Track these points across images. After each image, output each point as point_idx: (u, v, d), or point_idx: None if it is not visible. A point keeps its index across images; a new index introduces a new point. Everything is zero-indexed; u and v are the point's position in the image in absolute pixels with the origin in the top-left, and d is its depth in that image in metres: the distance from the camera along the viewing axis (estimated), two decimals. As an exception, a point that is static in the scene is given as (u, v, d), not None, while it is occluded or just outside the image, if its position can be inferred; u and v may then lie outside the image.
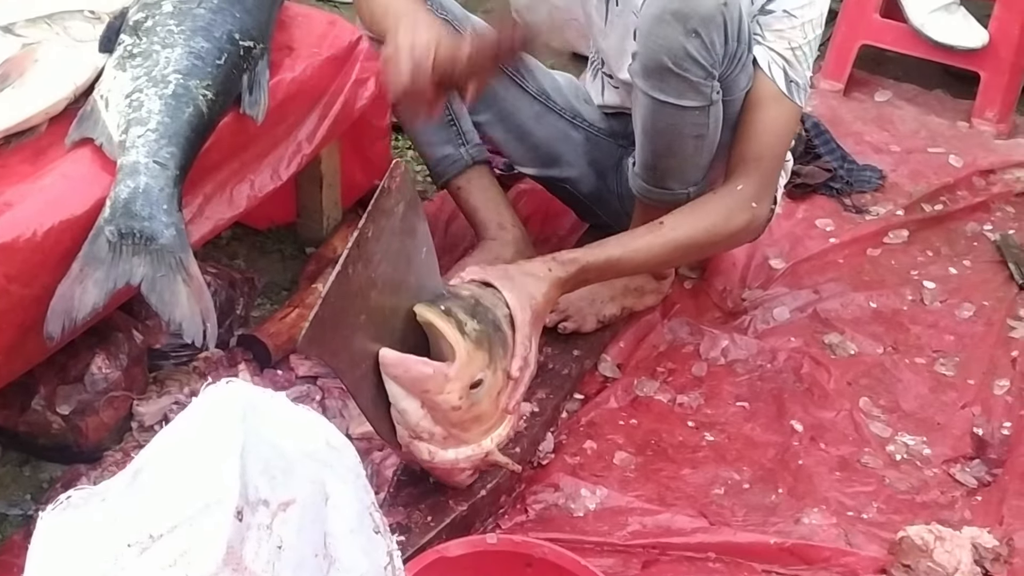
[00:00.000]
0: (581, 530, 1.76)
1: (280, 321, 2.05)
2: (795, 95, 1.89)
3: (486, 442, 1.66)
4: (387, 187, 1.49)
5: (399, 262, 1.54)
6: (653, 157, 1.94)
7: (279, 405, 1.15)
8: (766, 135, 1.90)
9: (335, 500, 1.16)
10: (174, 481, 1.07)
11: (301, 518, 1.13)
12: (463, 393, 1.57)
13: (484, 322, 1.61)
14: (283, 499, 1.12)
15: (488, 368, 1.60)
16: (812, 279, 2.33)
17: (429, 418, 1.58)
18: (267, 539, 1.10)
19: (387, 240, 1.51)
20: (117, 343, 1.84)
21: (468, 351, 1.56)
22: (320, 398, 1.94)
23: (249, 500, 1.09)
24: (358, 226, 1.45)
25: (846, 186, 2.61)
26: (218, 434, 1.08)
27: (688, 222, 1.89)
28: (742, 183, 1.90)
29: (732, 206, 1.90)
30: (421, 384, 1.55)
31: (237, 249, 2.31)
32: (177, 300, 1.63)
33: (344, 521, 1.16)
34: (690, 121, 1.86)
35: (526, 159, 2.26)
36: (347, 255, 1.43)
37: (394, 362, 1.53)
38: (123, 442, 1.84)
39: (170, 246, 1.63)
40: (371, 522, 1.20)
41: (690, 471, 1.88)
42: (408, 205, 1.54)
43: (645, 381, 2.06)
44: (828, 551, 1.73)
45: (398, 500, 1.71)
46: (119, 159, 1.67)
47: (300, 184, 2.25)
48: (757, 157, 1.90)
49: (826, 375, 2.08)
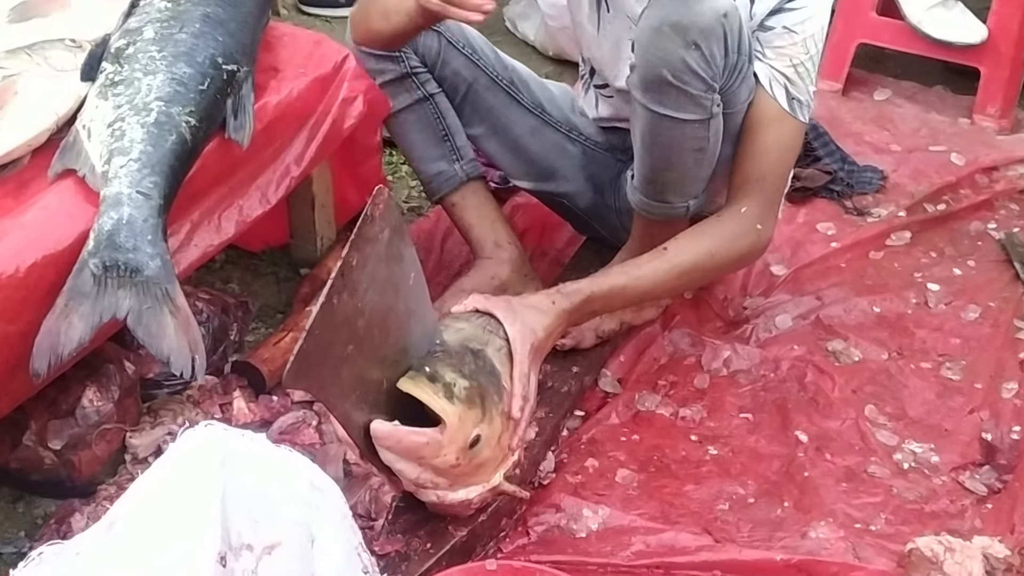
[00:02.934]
0: (584, 551, 1.73)
1: (274, 346, 2.02)
2: (798, 113, 1.86)
3: (495, 478, 1.65)
4: (370, 214, 1.46)
5: (386, 290, 1.51)
6: (652, 171, 1.91)
7: (259, 447, 1.13)
8: (769, 156, 1.87)
9: (321, 541, 1.14)
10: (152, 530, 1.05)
11: (287, 561, 1.11)
12: (460, 454, 1.56)
13: (475, 373, 1.59)
14: (267, 542, 1.10)
15: (483, 422, 1.58)
16: (814, 285, 2.30)
17: (430, 472, 1.57)
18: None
19: (373, 268, 1.47)
20: (108, 374, 1.82)
21: (459, 415, 1.54)
22: (316, 423, 1.91)
23: (232, 545, 1.07)
24: (342, 255, 1.42)
25: (847, 188, 2.57)
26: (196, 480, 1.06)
27: (692, 248, 1.86)
28: (746, 205, 1.87)
29: (736, 230, 1.87)
30: (415, 453, 1.53)
31: (231, 272, 2.28)
32: (164, 332, 1.60)
33: (331, 563, 1.14)
34: (690, 134, 1.82)
35: (521, 173, 2.23)
36: (331, 285, 1.41)
37: (386, 435, 1.51)
38: (117, 475, 1.81)
39: (156, 277, 1.60)
40: (359, 563, 1.18)
41: (694, 487, 1.85)
42: (393, 231, 1.51)
43: (646, 395, 2.03)
44: (836, 566, 1.69)
45: (396, 527, 1.67)
46: (102, 190, 1.64)
47: (292, 205, 2.22)
48: (760, 178, 1.87)
49: (830, 383, 2.04)
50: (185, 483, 1.05)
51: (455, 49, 2.10)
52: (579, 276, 2.10)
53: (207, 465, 1.05)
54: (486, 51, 2.15)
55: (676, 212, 1.94)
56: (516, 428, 1.65)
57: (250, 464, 1.09)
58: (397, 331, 1.55)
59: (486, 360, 1.64)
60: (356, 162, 2.25)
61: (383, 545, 1.63)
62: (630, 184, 1.99)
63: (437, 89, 2.13)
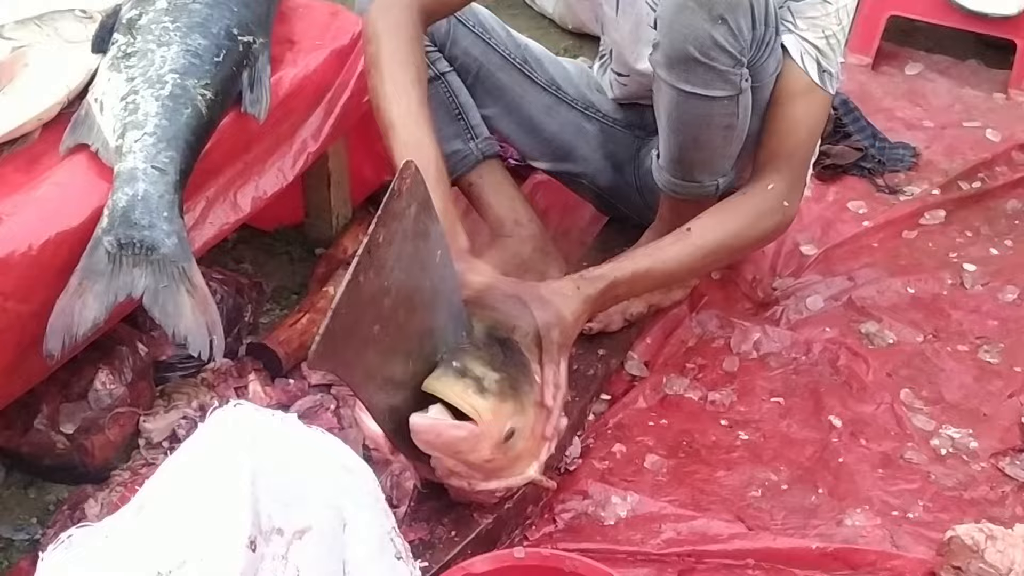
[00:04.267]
0: (613, 539, 1.73)
1: (290, 327, 2.02)
2: (827, 85, 1.85)
3: (530, 470, 1.66)
4: (397, 189, 1.45)
5: (413, 267, 1.51)
6: (680, 150, 1.90)
7: (290, 427, 1.13)
8: (798, 131, 1.87)
9: (353, 526, 1.14)
10: (181, 513, 1.05)
11: (318, 546, 1.11)
12: (495, 449, 1.56)
13: (505, 364, 1.59)
14: (298, 527, 1.10)
15: (518, 414, 1.58)
16: (846, 265, 2.29)
17: (464, 466, 1.58)
18: (283, 569, 1.09)
19: (399, 245, 1.47)
20: (121, 357, 1.82)
21: (492, 410, 1.54)
22: (335, 407, 1.92)
23: (262, 529, 1.07)
24: (368, 232, 1.41)
25: (878, 166, 2.56)
26: (226, 462, 1.06)
27: (718, 228, 1.85)
28: (773, 182, 1.86)
29: (763, 208, 1.87)
30: (453, 447, 1.54)
31: (244, 252, 2.28)
32: (181, 312, 1.61)
33: (364, 548, 1.14)
34: (719, 112, 1.81)
35: (538, 153, 2.22)
36: (357, 263, 1.40)
37: (425, 429, 1.51)
38: (131, 460, 1.82)
39: (172, 255, 1.60)
40: (392, 548, 1.18)
41: (725, 473, 1.85)
42: (420, 206, 1.50)
43: (674, 379, 2.03)
44: (873, 555, 1.69)
45: (420, 514, 1.68)
46: (116, 165, 1.64)
47: (307, 183, 2.22)
48: (789, 154, 1.87)
49: (864, 366, 2.04)
50: (215, 465, 1.05)
51: (465, 28, 2.09)
52: (604, 256, 2.11)
53: (237, 446, 1.05)
54: (497, 30, 2.14)
55: (705, 191, 1.94)
56: (549, 417, 1.65)
57: (281, 445, 1.09)
58: (423, 310, 1.55)
59: (514, 349, 1.64)
60: (373, 138, 2.23)
61: (406, 532, 1.62)
62: (656, 164, 1.99)
63: (448, 68, 2.12)
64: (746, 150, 1.91)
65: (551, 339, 1.66)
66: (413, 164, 1.49)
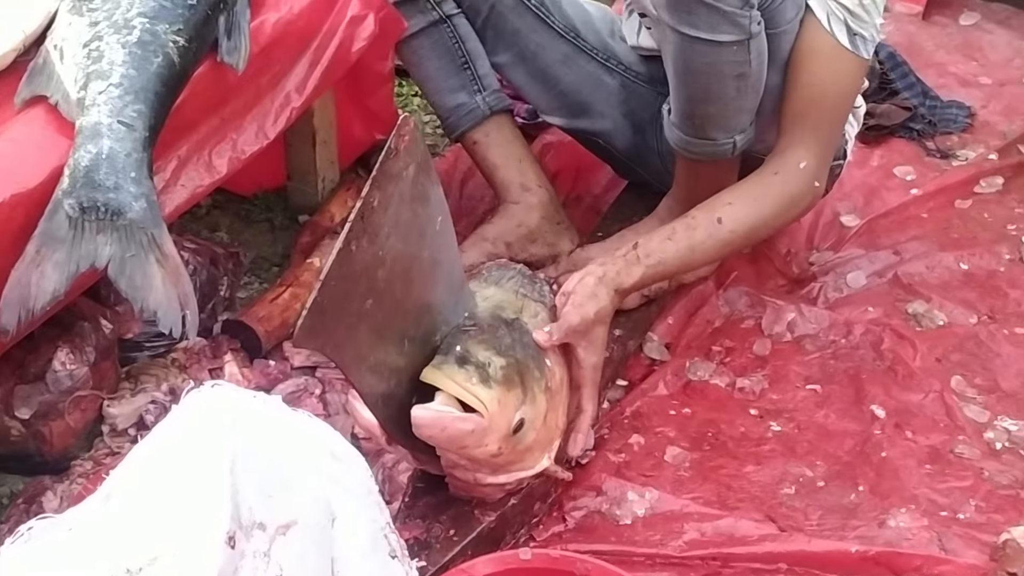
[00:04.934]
0: (629, 540, 1.74)
1: (271, 303, 2.03)
2: (860, 50, 1.86)
3: (543, 462, 1.67)
4: (394, 147, 1.46)
5: (410, 235, 1.52)
6: (690, 104, 1.91)
7: (274, 410, 1.14)
8: (825, 99, 1.89)
9: (343, 520, 1.15)
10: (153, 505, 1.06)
11: (304, 542, 1.12)
12: (503, 442, 1.57)
13: (511, 348, 1.60)
14: (282, 521, 1.11)
15: (525, 403, 1.60)
16: (891, 238, 2.30)
17: (467, 460, 1.59)
18: (265, 568, 1.10)
19: (396, 210, 1.48)
20: (83, 334, 1.83)
21: (498, 399, 1.55)
22: (320, 392, 1.93)
23: (242, 523, 1.08)
24: (361, 194, 1.42)
25: (928, 127, 2.57)
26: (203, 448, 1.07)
27: (751, 217, 1.89)
28: (804, 158, 1.89)
29: (795, 191, 1.91)
30: (459, 441, 1.55)
31: (219, 219, 2.29)
32: (150, 284, 1.61)
33: (355, 545, 1.16)
34: (728, 59, 1.82)
35: (552, 107, 2.22)
36: (349, 229, 1.41)
37: (428, 422, 1.52)
38: (93, 449, 1.83)
39: (140, 221, 1.61)
40: (386, 545, 1.19)
41: (754, 468, 1.87)
42: (419, 167, 1.51)
43: (699, 363, 2.04)
44: (919, 559, 1.70)
45: (415, 511, 1.69)
46: (78, 120, 1.64)
47: (290, 142, 2.22)
48: (816, 124, 1.89)
49: (911, 351, 2.05)
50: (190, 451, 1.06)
51: None
52: (620, 226, 2.13)
53: (215, 431, 1.06)
54: None
55: (721, 150, 1.95)
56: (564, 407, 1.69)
57: (263, 430, 1.10)
58: (421, 283, 1.55)
59: (522, 330, 1.65)
60: (364, 92, 2.25)
61: (400, 531, 1.62)
62: (667, 121, 2.00)
63: (456, 10, 2.12)
64: (766, 106, 1.92)
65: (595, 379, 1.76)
66: (412, 120, 1.49)
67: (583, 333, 1.74)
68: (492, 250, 2.08)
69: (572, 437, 1.76)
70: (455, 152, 2.38)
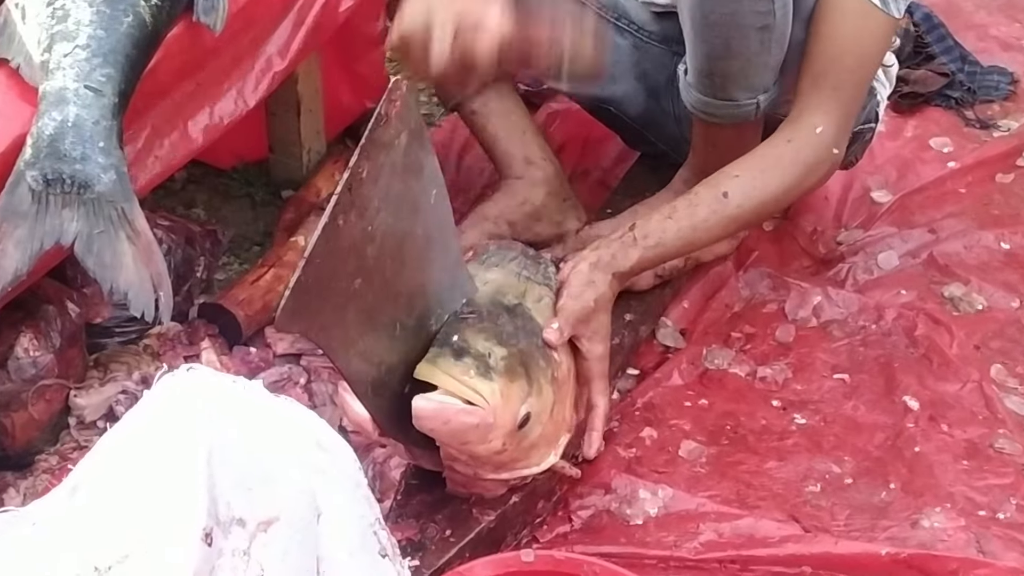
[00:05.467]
0: (640, 542, 1.75)
1: (252, 285, 2.04)
2: (891, 6, 1.86)
3: (550, 458, 1.68)
4: (384, 113, 1.46)
5: (402, 210, 1.52)
6: (709, 60, 1.92)
7: (255, 397, 1.15)
8: (847, 57, 1.88)
9: (330, 516, 1.16)
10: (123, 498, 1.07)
11: (287, 540, 1.13)
12: (507, 438, 1.58)
13: (513, 336, 1.61)
14: (263, 517, 1.12)
15: (531, 395, 1.60)
16: (926, 215, 2.31)
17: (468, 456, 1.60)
18: (244, 568, 1.10)
19: (386, 182, 1.48)
20: (47, 319, 1.84)
21: (501, 392, 1.55)
22: (305, 382, 1.94)
23: (220, 519, 1.09)
24: (349, 164, 1.42)
25: (967, 94, 2.57)
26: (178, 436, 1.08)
27: (758, 189, 1.88)
28: (821, 123, 1.88)
29: (810, 159, 1.89)
30: (462, 436, 1.55)
31: (195, 195, 2.30)
32: (120, 263, 1.61)
33: (342, 542, 1.16)
34: (750, 8, 1.83)
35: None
36: (336, 202, 1.41)
37: (430, 414, 1.52)
38: (59, 443, 1.84)
39: (109, 194, 1.61)
40: (376, 543, 1.20)
41: (777, 464, 1.87)
42: (412, 135, 1.51)
43: (716, 350, 2.05)
44: (955, 562, 1.71)
45: (408, 509, 1.70)
46: (42, 85, 1.65)
47: (272, 110, 2.23)
48: (837, 86, 1.88)
49: (947, 337, 2.06)
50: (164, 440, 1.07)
51: None
52: (631, 201, 2.14)
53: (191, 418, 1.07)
54: None
55: (743, 111, 1.95)
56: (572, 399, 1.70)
57: (244, 418, 1.11)
58: (414, 262, 1.56)
59: (525, 317, 1.66)
60: (353, 56, 2.26)
61: (392, 532, 1.64)
62: (683, 81, 2.00)
63: None
64: (790, 63, 1.92)
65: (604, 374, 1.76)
66: (404, 83, 1.50)
67: (585, 323, 1.75)
68: (493, 230, 2.08)
69: (586, 437, 1.78)
70: (452, 122, 2.38)
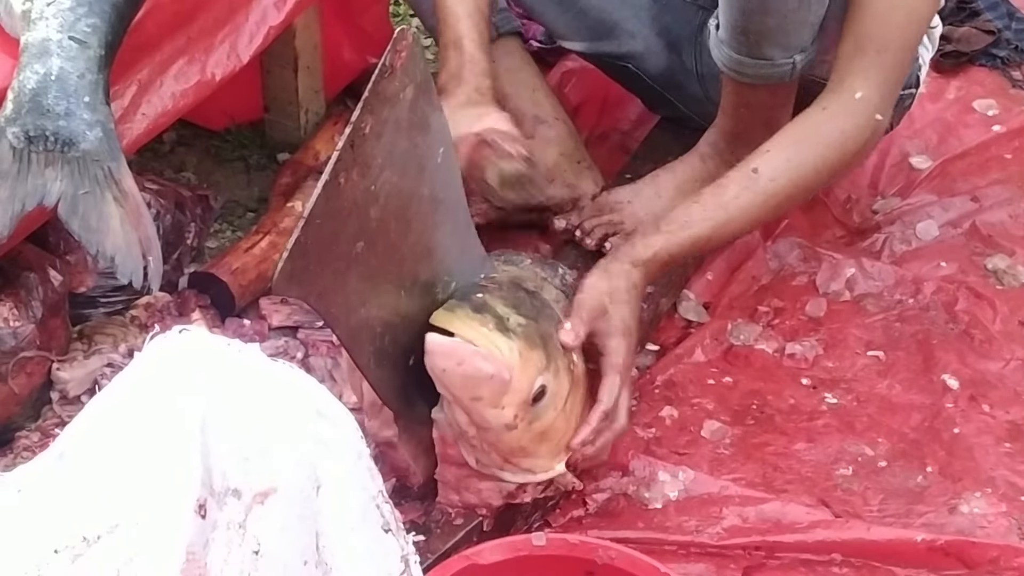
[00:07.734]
0: (659, 526, 1.76)
1: (245, 253, 2.05)
2: None
3: (558, 467, 1.67)
4: (389, 64, 1.46)
5: (408, 168, 1.53)
6: (744, 16, 1.91)
7: (252, 361, 1.15)
8: (894, 15, 1.86)
9: (330, 488, 1.16)
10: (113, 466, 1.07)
11: (284, 513, 1.13)
12: (520, 409, 1.57)
13: (533, 313, 1.62)
14: (260, 488, 1.12)
15: (548, 371, 1.60)
16: (969, 182, 2.31)
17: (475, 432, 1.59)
18: (240, 541, 1.11)
19: (391, 138, 1.49)
20: (28, 287, 1.84)
21: (520, 351, 1.55)
22: (303, 355, 1.95)
23: (214, 490, 1.10)
24: (351, 120, 1.43)
25: (1014, 53, 2.57)
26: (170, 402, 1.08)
27: (792, 161, 1.85)
28: (861, 87, 1.86)
29: (848, 128, 1.86)
30: (474, 387, 1.54)
31: (185, 157, 2.30)
32: (107, 225, 1.63)
33: (343, 516, 1.17)
34: None
35: (571, 30, 2.23)
36: (337, 159, 1.42)
37: (446, 351, 1.52)
38: (41, 419, 1.85)
39: (95, 152, 1.62)
40: (379, 517, 1.21)
41: (806, 445, 1.88)
42: (418, 89, 1.52)
43: (742, 325, 2.06)
44: (995, 549, 1.72)
45: (412, 490, 1.71)
46: (23, 36, 1.66)
47: (268, 67, 2.23)
48: (881, 48, 1.86)
49: (990, 313, 2.07)
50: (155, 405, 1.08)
51: None
52: (652, 166, 2.13)
53: (184, 383, 1.08)
54: None
55: (779, 71, 1.95)
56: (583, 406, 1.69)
57: (240, 383, 1.11)
58: (420, 225, 1.57)
59: (544, 303, 1.67)
60: (354, 9, 2.26)
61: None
62: (714, 37, 2.00)
63: None
64: (831, 20, 1.92)
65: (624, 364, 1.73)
66: (411, 33, 1.50)
67: (600, 315, 1.74)
68: None
69: (578, 427, 1.74)
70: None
